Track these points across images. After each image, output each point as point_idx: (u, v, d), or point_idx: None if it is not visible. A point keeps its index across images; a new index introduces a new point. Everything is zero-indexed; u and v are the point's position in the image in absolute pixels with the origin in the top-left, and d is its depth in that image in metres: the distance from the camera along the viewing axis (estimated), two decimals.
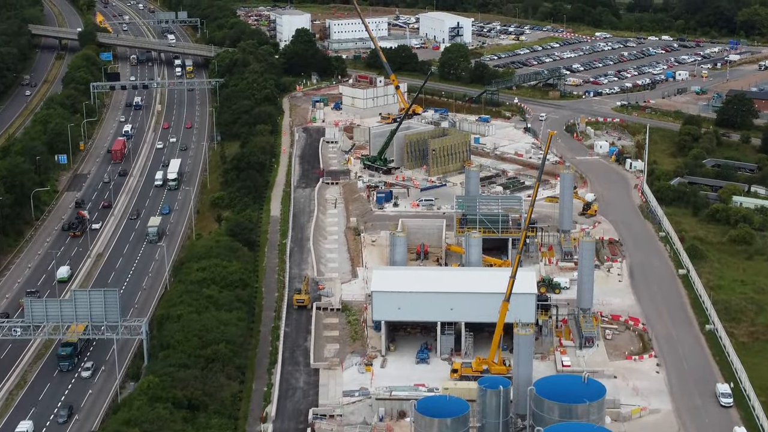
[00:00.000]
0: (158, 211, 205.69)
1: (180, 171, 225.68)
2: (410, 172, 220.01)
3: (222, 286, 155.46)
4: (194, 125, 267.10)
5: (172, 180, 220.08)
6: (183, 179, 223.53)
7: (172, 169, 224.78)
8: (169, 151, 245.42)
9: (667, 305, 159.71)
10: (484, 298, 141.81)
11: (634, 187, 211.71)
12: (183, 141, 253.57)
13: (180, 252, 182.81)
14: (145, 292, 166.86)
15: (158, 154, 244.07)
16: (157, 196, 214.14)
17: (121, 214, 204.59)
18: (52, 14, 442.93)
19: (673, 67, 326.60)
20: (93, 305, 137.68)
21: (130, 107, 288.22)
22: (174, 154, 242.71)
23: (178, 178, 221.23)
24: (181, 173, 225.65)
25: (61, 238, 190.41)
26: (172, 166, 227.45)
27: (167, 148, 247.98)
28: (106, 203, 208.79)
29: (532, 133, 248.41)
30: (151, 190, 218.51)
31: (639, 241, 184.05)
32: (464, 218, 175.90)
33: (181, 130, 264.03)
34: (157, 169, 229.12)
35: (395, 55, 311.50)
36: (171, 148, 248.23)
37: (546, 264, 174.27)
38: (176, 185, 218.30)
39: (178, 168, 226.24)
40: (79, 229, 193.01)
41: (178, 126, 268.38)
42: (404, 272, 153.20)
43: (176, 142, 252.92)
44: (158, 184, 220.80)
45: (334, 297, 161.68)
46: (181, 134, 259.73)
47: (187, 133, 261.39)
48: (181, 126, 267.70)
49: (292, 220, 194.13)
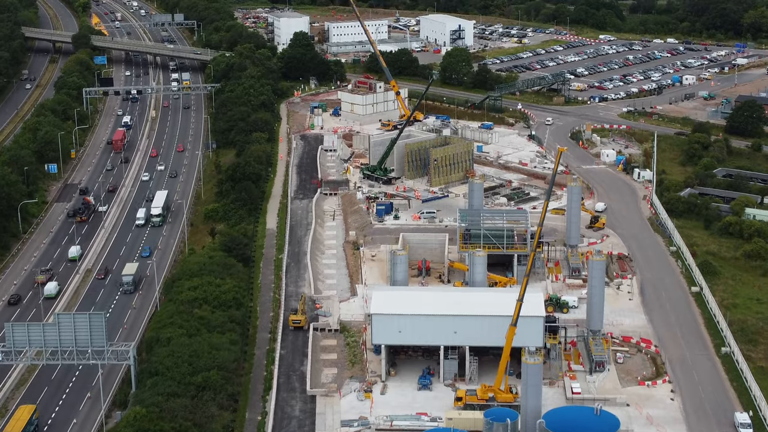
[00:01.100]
0: (137, 254, 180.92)
1: (167, 204, 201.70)
2: (411, 182, 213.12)
3: (215, 305, 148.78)
4: (187, 147, 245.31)
5: (156, 216, 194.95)
6: (170, 213, 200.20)
7: (157, 204, 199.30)
8: (156, 182, 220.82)
9: (681, 326, 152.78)
10: (490, 322, 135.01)
11: (643, 198, 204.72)
12: (173, 167, 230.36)
13: (172, 267, 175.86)
14: (135, 311, 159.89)
15: (142, 188, 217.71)
16: (137, 236, 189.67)
17: (96, 258, 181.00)
18: (47, 16, 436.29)
19: (679, 71, 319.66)
20: (78, 329, 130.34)
21: (127, 101, 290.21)
22: (161, 184, 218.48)
23: (164, 214, 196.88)
24: (168, 206, 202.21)
25: (50, 249, 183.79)
26: (158, 199, 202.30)
27: (154, 179, 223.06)
28: (111, 188, 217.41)
29: (536, 141, 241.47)
30: (129, 232, 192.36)
31: (649, 256, 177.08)
32: (467, 233, 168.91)
33: (171, 154, 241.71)
34: (140, 206, 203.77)
35: (395, 60, 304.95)
36: (158, 178, 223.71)
37: (553, 281, 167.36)
38: (161, 221, 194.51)
39: (165, 201, 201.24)
40: (85, 214, 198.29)
41: (169, 148, 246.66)
42: (405, 293, 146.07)
43: (165, 169, 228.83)
44: (140, 223, 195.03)
45: (332, 317, 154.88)
46: (171, 159, 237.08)
47: (178, 157, 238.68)
48: (172, 149, 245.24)
49: (289, 234, 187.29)
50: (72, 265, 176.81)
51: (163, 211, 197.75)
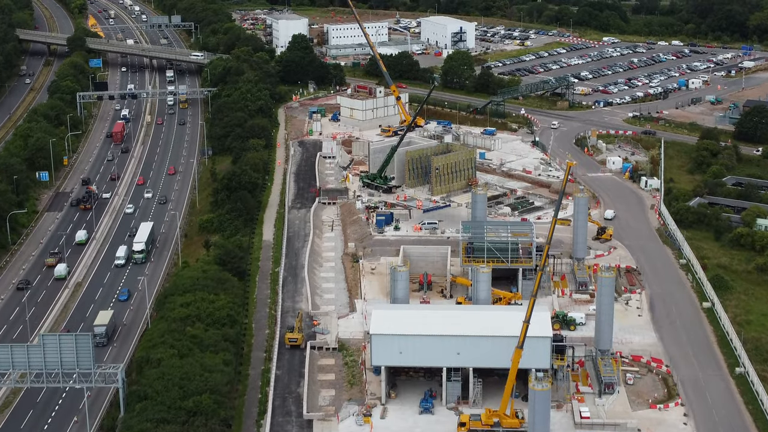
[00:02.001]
0: (114, 298, 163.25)
1: (152, 237, 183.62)
2: (412, 190, 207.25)
3: (208, 323, 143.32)
4: (179, 170, 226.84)
5: (139, 252, 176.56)
6: (155, 247, 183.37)
7: (140, 238, 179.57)
8: (141, 213, 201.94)
9: (692, 344, 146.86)
10: (494, 342, 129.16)
11: (651, 207, 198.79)
12: (163, 191, 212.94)
13: (165, 280, 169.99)
14: (126, 328, 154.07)
15: (126, 221, 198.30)
16: (116, 277, 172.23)
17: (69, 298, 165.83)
18: (42, 18, 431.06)
19: (685, 74, 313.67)
20: (63, 350, 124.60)
21: (124, 98, 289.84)
22: (147, 215, 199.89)
23: (147, 249, 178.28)
24: (154, 239, 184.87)
25: (40, 261, 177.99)
26: (141, 233, 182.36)
27: (140, 209, 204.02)
28: (114, 176, 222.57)
29: (540, 147, 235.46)
30: (107, 272, 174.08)
31: (658, 270, 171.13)
32: (470, 246, 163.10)
33: (161, 177, 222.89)
34: (121, 242, 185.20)
35: (396, 63, 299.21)
36: (144, 208, 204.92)
37: (559, 296, 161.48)
38: (144, 258, 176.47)
39: (149, 234, 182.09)
40: (89, 203, 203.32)
41: (159, 170, 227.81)
42: (406, 312, 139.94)
43: (152, 197, 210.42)
44: (120, 263, 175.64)
45: (330, 334, 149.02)
46: (161, 183, 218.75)
47: (168, 181, 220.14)
48: (162, 172, 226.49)
49: (286, 245, 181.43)
50: (79, 248, 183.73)
51: (147, 245, 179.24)
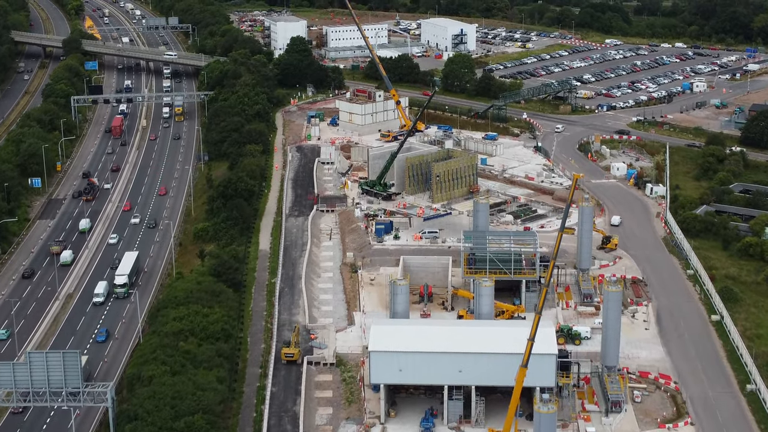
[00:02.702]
0: (90, 338, 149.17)
1: (136, 268, 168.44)
2: (412, 197, 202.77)
3: (202, 338, 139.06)
4: (170, 193, 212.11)
5: (121, 286, 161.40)
6: (139, 280, 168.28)
7: (123, 270, 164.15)
8: (126, 241, 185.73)
9: (701, 359, 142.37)
10: (498, 360, 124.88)
11: (657, 215, 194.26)
12: (153, 215, 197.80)
13: (158, 292, 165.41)
14: (117, 342, 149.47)
15: (108, 252, 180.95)
16: (94, 316, 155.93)
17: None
18: (39, 19, 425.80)
19: (689, 77, 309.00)
20: (51, 369, 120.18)
21: (121, 92, 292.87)
22: (133, 243, 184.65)
23: (129, 283, 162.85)
24: (138, 270, 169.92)
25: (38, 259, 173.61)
26: (124, 264, 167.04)
27: (125, 238, 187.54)
28: (115, 167, 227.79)
29: (543, 153, 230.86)
30: (84, 310, 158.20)
31: (665, 281, 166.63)
32: (472, 257, 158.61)
33: (151, 199, 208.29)
34: (101, 275, 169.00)
35: (396, 66, 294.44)
36: (131, 235, 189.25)
37: (563, 308, 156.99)
38: (126, 293, 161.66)
39: (133, 265, 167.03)
40: (91, 194, 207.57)
41: (149, 192, 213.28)
42: (406, 327, 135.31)
43: (139, 222, 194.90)
44: (98, 301, 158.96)
45: (328, 349, 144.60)
46: (150, 206, 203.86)
47: (159, 203, 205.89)
48: (153, 193, 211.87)
49: (283, 255, 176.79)
50: (83, 236, 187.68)
51: (130, 278, 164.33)
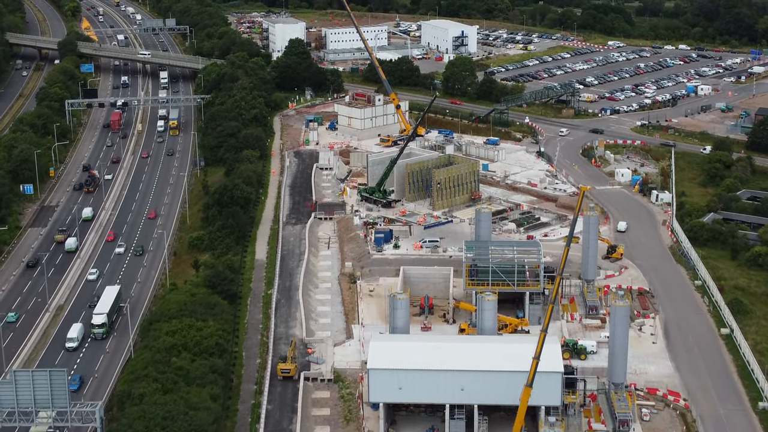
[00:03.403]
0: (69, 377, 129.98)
1: (117, 304, 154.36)
2: (412, 204, 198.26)
3: (195, 353, 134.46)
4: (160, 213, 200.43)
5: (99, 326, 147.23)
6: (120, 316, 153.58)
7: (102, 308, 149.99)
8: (108, 276, 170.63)
9: (711, 375, 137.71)
10: (501, 378, 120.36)
11: (663, 223, 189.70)
12: (140, 241, 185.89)
13: (152, 304, 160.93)
14: (108, 356, 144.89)
15: (87, 289, 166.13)
16: (67, 361, 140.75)
17: None
18: (35, 20, 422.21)
19: (693, 80, 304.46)
20: (37, 387, 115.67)
21: (118, 89, 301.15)
22: (116, 275, 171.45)
23: (110, 321, 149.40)
24: (119, 306, 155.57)
25: (21, 281, 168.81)
26: (104, 301, 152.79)
27: (106, 273, 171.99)
28: (116, 159, 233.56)
29: (546, 158, 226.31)
30: (57, 357, 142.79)
31: (673, 292, 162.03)
32: (474, 267, 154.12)
33: (139, 224, 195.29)
34: (77, 316, 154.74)
35: (395, 69, 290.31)
36: (114, 266, 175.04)
37: (568, 320, 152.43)
38: (104, 333, 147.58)
39: (114, 301, 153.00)
40: (92, 186, 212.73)
41: (138, 215, 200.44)
42: (406, 344, 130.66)
43: (124, 251, 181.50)
44: (72, 346, 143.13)
45: (325, 364, 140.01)
46: (137, 232, 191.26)
47: (147, 227, 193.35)
48: (141, 218, 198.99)
49: (280, 265, 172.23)
50: (86, 224, 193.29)
51: (110, 317, 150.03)
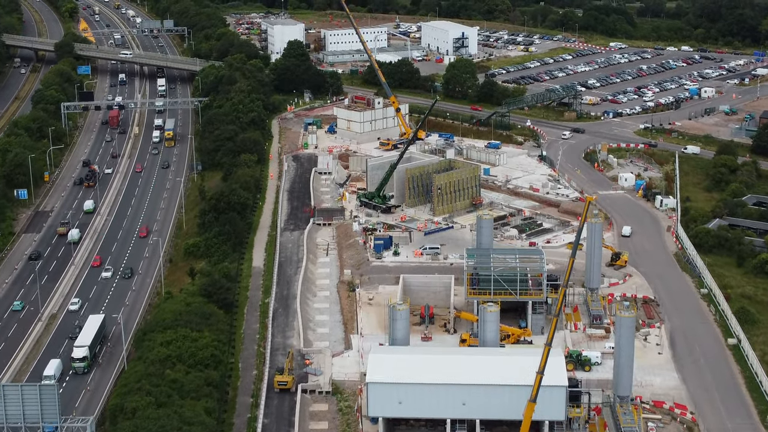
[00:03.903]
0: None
1: (101, 334, 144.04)
2: (413, 210, 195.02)
3: (190, 364, 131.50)
4: (153, 229, 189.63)
5: (80, 360, 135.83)
6: (106, 350, 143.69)
7: (83, 341, 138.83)
8: (92, 304, 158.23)
9: (719, 387, 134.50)
10: (504, 392, 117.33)
11: (667, 229, 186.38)
12: (129, 263, 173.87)
13: (146, 313, 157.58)
14: (101, 369, 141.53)
15: (68, 320, 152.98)
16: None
17: None
18: (32, 21, 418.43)
19: (696, 82, 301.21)
20: (26, 403, 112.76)
21: (115, 86, 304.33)
22: (100, 303, 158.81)
23: (90, 356, 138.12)
24: (103, 336, 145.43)
25: (13, 290, 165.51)
26: (86, 332, 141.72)
27: (92, 299, 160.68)
28: (115, 153, 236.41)
29: (548, 162, 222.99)
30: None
31: (678, 300, 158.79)
32: (475, 276, 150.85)
33: (129, 243, 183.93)
34: (55, 351, 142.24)
35: (395, 71, 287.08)
36: (99, 293, 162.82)
37: (572, 330, 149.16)
38: (86, 367, 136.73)
39: (97, 331, 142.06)
40: (92, 180, 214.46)
41: (128, 234, 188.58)
42: (406, 356, 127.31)
43: (111, 276, 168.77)
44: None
45: (323, 375, 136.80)
46: (127, 252, 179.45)
47: (138, 247, 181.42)
48: (131, 236, 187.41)
49: (277, 272, 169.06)
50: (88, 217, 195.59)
51: (92, 349, 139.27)
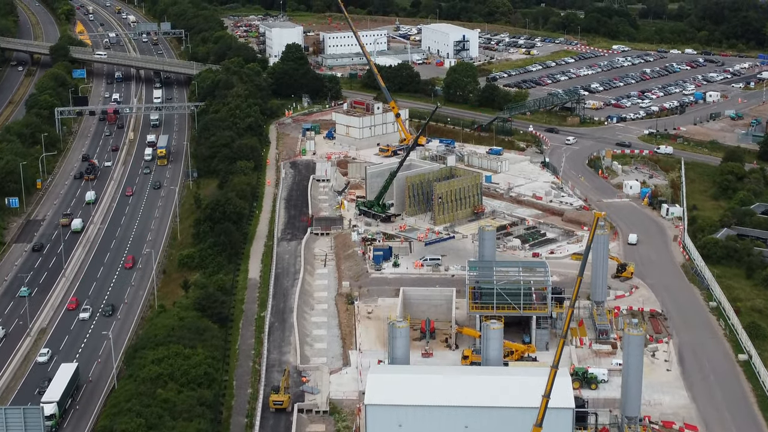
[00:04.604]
0: None
1: (72, 385, 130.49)
2: (413, 219, 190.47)
3: (182, 383, 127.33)
4: (139, 263, 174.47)
5: (47, 418, 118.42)
6: (79, 396, 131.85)
7: (52, 395, 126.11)
8: (65, 352, 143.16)
9: (729, 406, 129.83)
10: (508, 414, 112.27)
11: (674, 239, 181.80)
12: (111, 299, 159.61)
13: (138, 327, 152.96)
14: (91, 385, 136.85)
15: (36, 373, 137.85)
16: None
17: None
18: (28, 24, 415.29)
19: (701, 86, 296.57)
20: (10, 427, 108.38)
21: (112, 84, 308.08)
22: (73, 352, 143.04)
23: (59, 413, 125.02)
24: (76, 386, 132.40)
25: (4, 301, 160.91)
26: (55, 386, 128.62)
27: (61, 351, 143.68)
28: (114, 147, 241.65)
29: (551, 169, 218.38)
30: None
31: (686, 314, 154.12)
32: (477, 290, 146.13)
33: (111, 276, 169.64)
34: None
35: (395, 75, 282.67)
36: (75, 336, 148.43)
37: (577, 345, 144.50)
38: (54, 426, 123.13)
39: (69, 383, 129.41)
40: (92, 173, 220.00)
41: (113, 263, 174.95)
42: (406, 377, 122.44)
43: (89, 317, 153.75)
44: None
45: (320, 394, 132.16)
46: (109, 286, 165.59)
47: (123, 279, 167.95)
48: (117, 265, 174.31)
49: (274, 285, 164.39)
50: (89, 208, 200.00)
51: (62, 404, 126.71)
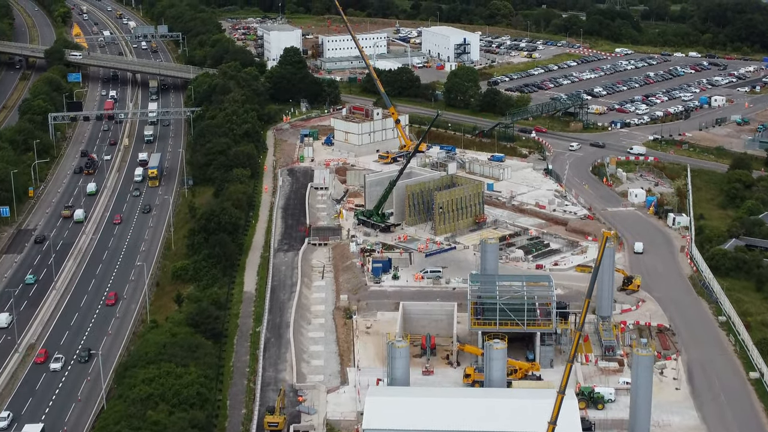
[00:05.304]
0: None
1: None
2: (413, 228, 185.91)
3: (174, 404, 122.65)
4: (123, 296, 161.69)
5: None
6: None
7: None
8: (30, 411, 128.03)
9: (741, 427, 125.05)
10: None
11: (681, 250, 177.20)
12: (88, 342, 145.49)
13: (130, 343, 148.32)
14: (80, 405, 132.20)
15: None
16: None
17: None
18: (24, 26, 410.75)
19: (706, 90, 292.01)
20: None
21: (108, 82, 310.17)
22: (43, 406, 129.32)
23: None
24: None
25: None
26: None
27: (24, 414, 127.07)
28: (113, 141, 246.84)
29: (554, 177, 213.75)
30: None
31: (695, 329, 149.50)
32: (480, 305, 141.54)
33: (93, 311, 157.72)
34: None
35: (395, 79, 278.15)
36: (44, 390, 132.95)
37: (582, 363, 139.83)
38: None
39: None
40: (92, 168, 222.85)
41: (92, 302, 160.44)
42: (405, 399, 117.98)
43: (62, 367, 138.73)
44: None
45: (317, 414, 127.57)
46: (91, 323, 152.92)
47: (104, 317, 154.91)
48: (96, 303, 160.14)
49: (270, 298, 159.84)
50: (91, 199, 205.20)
51: None
